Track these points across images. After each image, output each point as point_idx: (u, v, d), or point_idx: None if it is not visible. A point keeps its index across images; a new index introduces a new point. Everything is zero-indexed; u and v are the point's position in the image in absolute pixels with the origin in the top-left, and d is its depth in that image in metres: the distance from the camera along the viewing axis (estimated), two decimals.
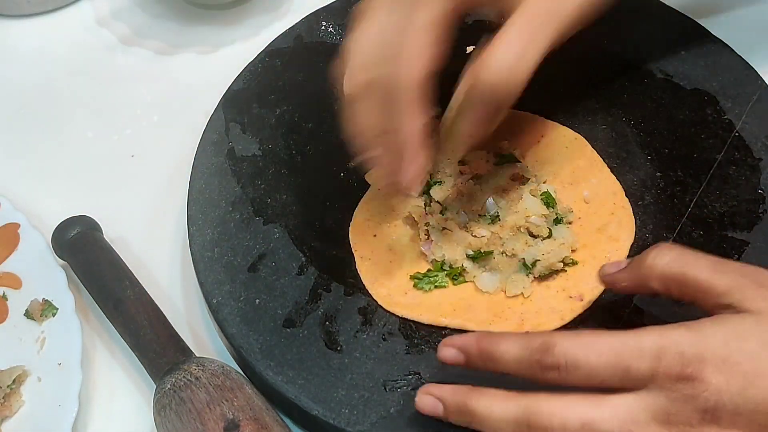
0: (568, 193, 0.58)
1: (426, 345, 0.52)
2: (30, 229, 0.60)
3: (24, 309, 0.57)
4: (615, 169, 0.59)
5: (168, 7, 0.77)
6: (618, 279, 0.48)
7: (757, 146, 0.58)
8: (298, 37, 0.68)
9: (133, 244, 0.62)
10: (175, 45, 0.74)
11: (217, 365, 0.51)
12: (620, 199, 0.57)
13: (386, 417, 0.49)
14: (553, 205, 0.56)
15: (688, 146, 0.59)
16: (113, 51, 0.75)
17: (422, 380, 0.50)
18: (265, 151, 0.62)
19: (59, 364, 0.54)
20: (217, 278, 0.55)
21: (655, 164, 0.59)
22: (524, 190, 0.56)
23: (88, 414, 0.54)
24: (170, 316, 0.55)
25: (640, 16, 0.66)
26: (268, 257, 0.56)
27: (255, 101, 0.64)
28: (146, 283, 0.57)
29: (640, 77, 0.63)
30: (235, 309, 0.54)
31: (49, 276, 0.58)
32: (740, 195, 0.56)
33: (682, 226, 0.56)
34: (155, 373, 0.52)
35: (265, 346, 0.52)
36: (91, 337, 0.58)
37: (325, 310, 0.54)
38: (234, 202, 0.59)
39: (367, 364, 0.51)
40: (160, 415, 0.50)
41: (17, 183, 0.66)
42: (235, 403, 0.48)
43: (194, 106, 0.68)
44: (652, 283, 0.45)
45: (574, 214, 0.56)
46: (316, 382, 0.50)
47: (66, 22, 0.77)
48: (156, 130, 0.69)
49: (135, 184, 0.66)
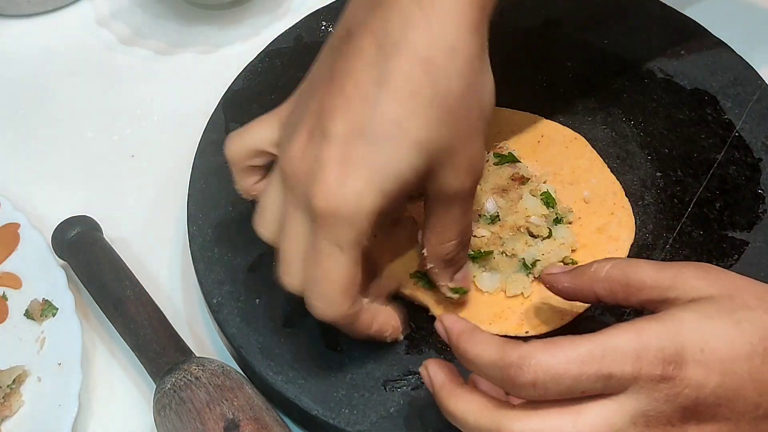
0: (568, 193, 0.58)
1: (426, 345, 0.52)
2: (30, 229, 0.60)
3: (24, 309, 0.56)
4: (615, 169, 0.59)
5: (168, 7, 0.77)
6: (560, 279, 0.48)
7: (757, 146, 0.58)
8: (298, 37, 0.68)
9: (133, 244, 0.62)
10: (175, 45, 0.74)
11: (217, 365, 0.51)
12: (620, 199, 0.57)
13: (386, 417, 0.49)
14: (553, 205, 0.56)
15: (688, 146, 0.59)
16: (113, 51, 0.75)
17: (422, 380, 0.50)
18: None
19: (59, 364, 0.54)
20: (217, 278, 0.55)
21: (655, 164, 0.59)
22: (524, 190, 0.56)
23: (88, 414, 0.54)
24: (170, 316, 0.55)
25: (641, 15, 0.66)
26: (268, 257, 0.56)
27: (255, 101, 0.64)
28: (146, 283, 0.57)
29: (640, 77, 0.63)
30: (235, 309, 0.54)
31: (49, 276, 0.58)
32: (740, 195, 0.56)
33: (682, 225, 0.56)
34: (155, 372, 0.52)
35: (265, 345, 0.52)
36: (91, 337, 0.58)
37: None
38: (234, 201, 0.59)
39: (367, 364, 0.51)
40: (160, 414, 0.50)
41: (17, 183, 0.66)
42: (235, 403, 0.48)
43: (194, 106, 0.68)
44: (596, 287, 0.45)
45: (574, 214, 0.56)
46: (316, 381, 0.50)
47: (66, 22, 0.77)
48: (156, 130, 0.69)
49: (135, 184, 0.66)
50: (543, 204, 0.56)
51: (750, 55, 0.63)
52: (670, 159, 0.59)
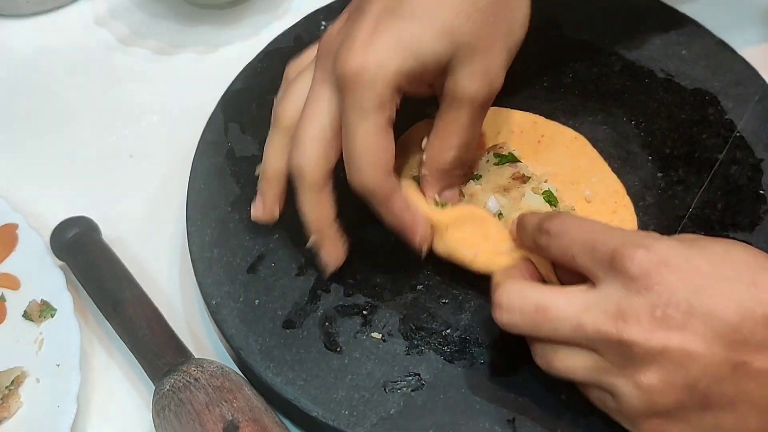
0: (570, 193, 0.57)
1: (426, 346, 0.52)
2: (28, 230, 0.60)
3: (22, 310, 0.56)
4: (616, 169, 0.59)
5: (167, 6, 0.77)
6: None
7: (758, 146, 0.58)
8: (298, 37, 0.68)
9: (132, 245, 0.61)
10: (175, 45, 0.74)
11: (216, 366, 0.51)
12: (622, 198, 0.57)
13: (386, 418, 0.49)
14: (555, 203, 0.56)
15: (689, 146, 0.59)
16: (112, 51, 0.74)
17: (422, 381, 0.50)
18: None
19: (58, 365, 0.54)
20: (217, 279, 0.55)
21: (656, 164, 0.59)
22: (526, 189, 0.56)
23: (86, 415, 0.54)
24: (169, 317, 0.55)
25: (642, 15, 0.66)
26: (268, 258, 0.56)
27: (254, 101, 0.64)
28: (145, 284, 0.57)
29: (641, 77, 0.63)
30: (235, 310, 0.54)
31: (48, 277, 0.57)
32: (742, 195, 0.56)
33: (683, 226, 0.55)
34: (154, 374, 0.52)
35: (264, 347, 0.52)
36: (90, 338, 0.57)
37: (325, 310, 0.53)
38: (233, 202, 0.59)
39: (367, 365, 0.51)
40: (159, 416, 0.49)
41: (15, 183, 0.65)
42: (234, 405, 0.48)
43: (193, 106, 0.67)
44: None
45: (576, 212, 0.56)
46: (316, 383, 0.50)
47: (65, 21, 0.77)
48: (155, 131, 0.69)
49: (134, 184, 0.66)
50: (545, 202, 0.55)
51: (751, 55, 0.63)
52: (671, 159, 0.59)
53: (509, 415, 0.48)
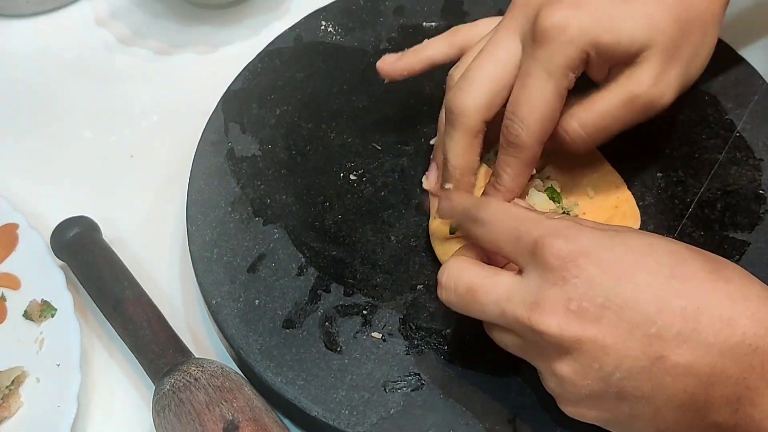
0: (571, 190, 0.57)
1: (426, 346, 0.52)
2: (29, 230, 0.60)
3: (23, 310, 0.56)
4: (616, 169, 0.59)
5: (167, 6, 0.77)
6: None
7: (758, 146, 0.58)
8: (298, 37, 0.68)
9: (132, 245, 0.61)
10: (175, 45, 0.74)
11: (217, 366, 0.51)
12: (623, 192, 0.57)
13: (386, 418, 0.49)
14: (559, 200, 0.56)
15: (689, 146, 0.59)
16: (112, 51, 0.74)
17: (422, 381, 0.50)
18: (264, 152, 0.61)
19: (58, 365, 0.54)
20: (217, 279, 0.55)
21: (656, 164, 0.59)
22: (529, 186, 0.56)
23: (86, 415, 0.54)
24: (169, 317, 0.55)
25: None
26: (268, 258, 0.56)
27: (254, 101, 0.64)
28: (145, 283, 0.57)
29: None
30: (235, 310, 0.54)
31: (48, 276, 0.57)
32: (741, 195, 0.56)
33: (683, 226, 0.55)
34: (154, 374, 0.52)
35: (264, 346, 0.52)
36: (90, 337, 0.58)
37: (325, 310, 0.53)
38: (233, 202, 0.59)
39: (367, 365, 0.51)
40: (159, 416, 0.49)
41: (16, 183, 0.65)
42: (234, 405, 0.48)
43: (193, 106, 0.67)
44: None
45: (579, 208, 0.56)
46: (316, 383, 0.50)
47: (65, 22, 0.77)
48: (155, 131, 0.69)
49: (134, 184, 0.66)
50: (549, 199, 0.55)
51: (751, 55, 0.63)
52: (671, 159, 0.59)
53: (509, 415, 0.48)
